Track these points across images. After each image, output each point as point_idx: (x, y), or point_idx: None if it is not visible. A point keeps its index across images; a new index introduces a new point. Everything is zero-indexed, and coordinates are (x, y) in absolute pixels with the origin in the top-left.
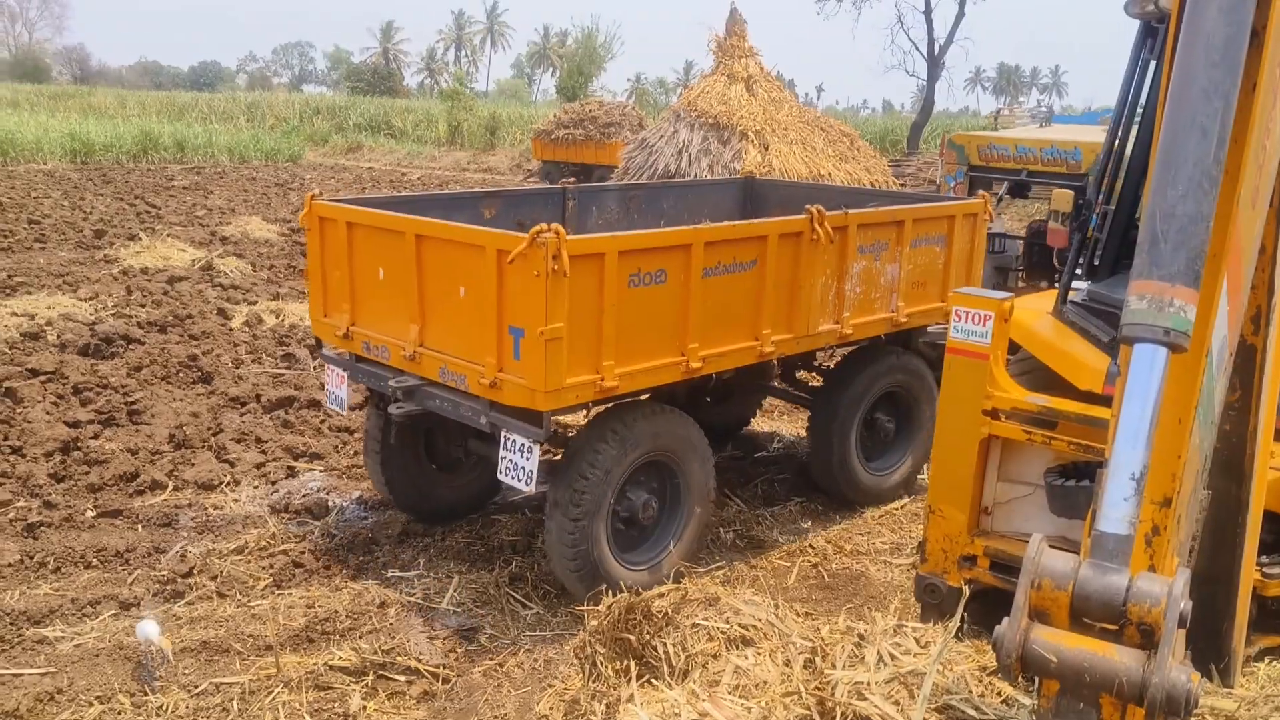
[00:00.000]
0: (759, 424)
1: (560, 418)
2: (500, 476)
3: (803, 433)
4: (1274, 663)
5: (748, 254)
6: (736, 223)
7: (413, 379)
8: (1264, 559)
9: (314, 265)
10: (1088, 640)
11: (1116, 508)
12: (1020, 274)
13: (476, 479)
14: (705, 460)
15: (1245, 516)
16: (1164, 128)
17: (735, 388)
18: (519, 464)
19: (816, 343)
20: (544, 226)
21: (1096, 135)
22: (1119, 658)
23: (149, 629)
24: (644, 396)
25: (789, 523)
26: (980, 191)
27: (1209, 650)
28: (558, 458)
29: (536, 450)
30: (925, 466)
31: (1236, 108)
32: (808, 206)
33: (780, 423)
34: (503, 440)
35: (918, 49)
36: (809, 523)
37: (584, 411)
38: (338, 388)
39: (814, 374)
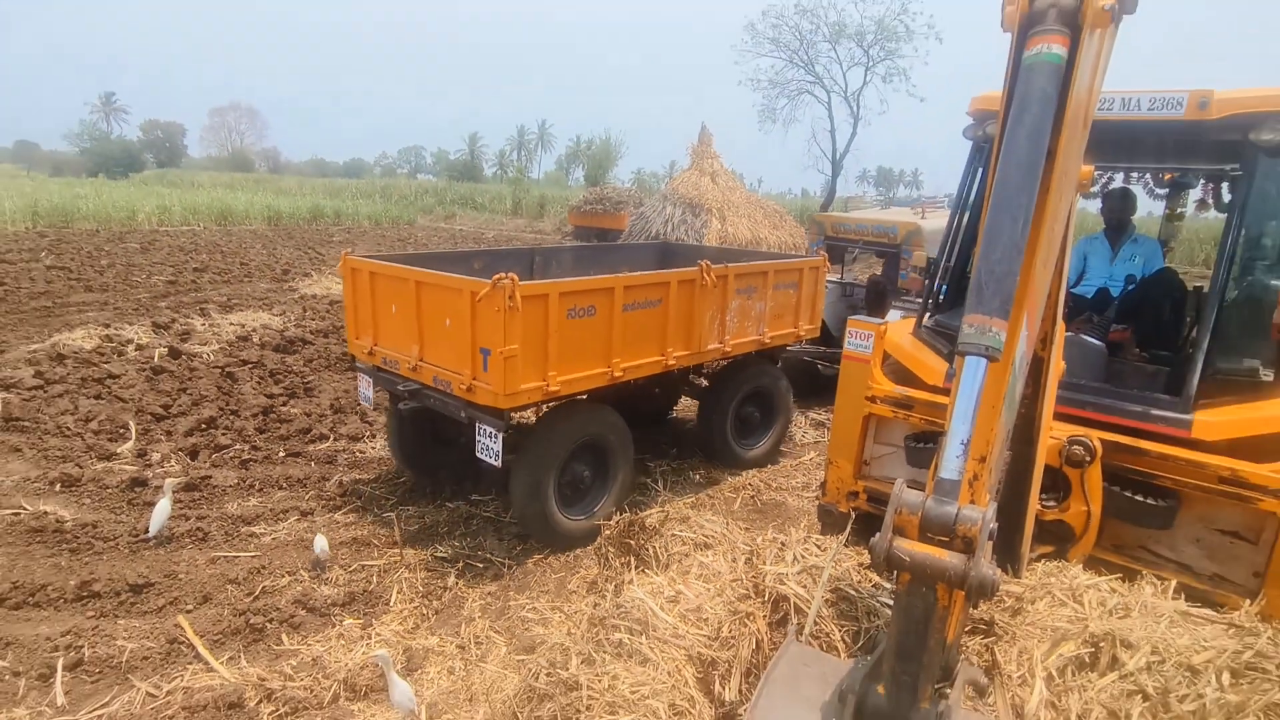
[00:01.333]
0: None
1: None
2: (477, 454)
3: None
4: (1046, 563)
5: (656, 294)
6: (647, 272)
7: (415, 384)
8: (1044, 496)
9: (349, 302)
10: (930, 548)
11: (951, 462)
12: (864, 312)
13: (463, 453)
14: (626, 442)
15: (1033, 468)
16: (989, 214)
17: (661, 388)
18: (489, 446)
19: (706, 357)
20: (502, 275)
21: (908, 216)
22: (949, 559)
23: (320, 541)
24: (583, 397)
25: (735, 469)
26: (821, 251)
27: (1007, 555)
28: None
29: (500, 436)
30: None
31: (1035, 203)
32: (699, 261)
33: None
34: (477, 429)
35: (825, 156)
36: (750, 469)
37: (539, 408)
38: (366, 389)
39: (701, 378)
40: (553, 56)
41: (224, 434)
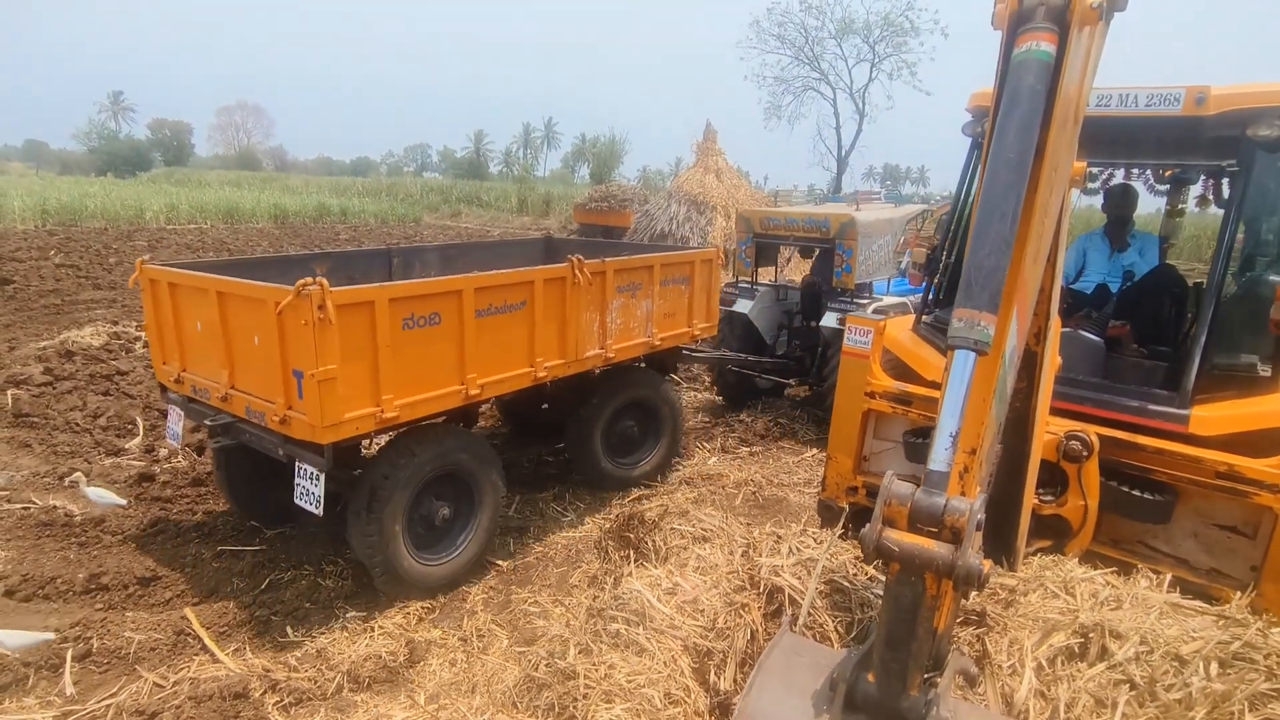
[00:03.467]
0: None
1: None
2: (296, 501)
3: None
4: (1042, 557)
5: (517, 296)
6: (503, 271)
7: (227, 416)
8: (1040, 490)
9: (150, 319)
10: (919, 538)
11: (940, 454)
12: (799, 315)
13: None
14: (491, 467)
15: (1028, 462)
16: (979, 210)
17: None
18: (310, 490)
19: (585, 365)
20: (308, 280)
21: (842, 209)
22: (938, 549)
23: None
24: (440, 419)
25: (739, 465)
26: (713, 243)
27: (1002, 549)
28: (357, 474)
29: (322, 479)
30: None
31: (1024, 199)
32: (568, 255)
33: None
34: (296, 469)
35: (831, 153)
36: (752, 465)
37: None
38: (175, 424)
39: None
40: (561, 53)
41: None
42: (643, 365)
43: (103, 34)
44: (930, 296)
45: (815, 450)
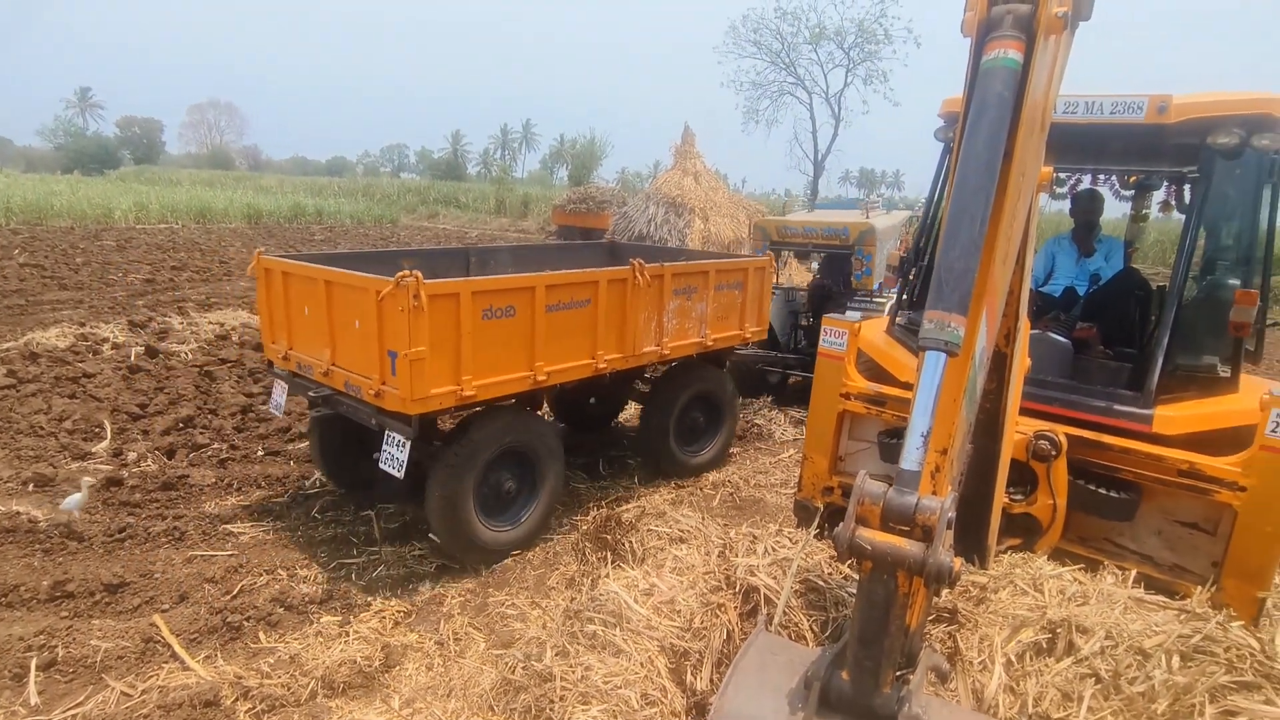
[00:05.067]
0: None
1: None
2: (380, 465)
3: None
4: (1013, 554)
5: (583, 294)
6: (572, 271)
7: (327, 389)
8: (1010, 489)
9: (262, 304)
10: (891, 536)
11: (911, 454)
12: (807, 316)
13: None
14: (555, 449)
15: (998, 462)
16: (949, 213)
17: (597, 395)
18: (395, 455)
19: (641, 360)
20: (407, 272)
21: (858, 217)
22: (909, 547)
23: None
24: (510, 401)
25: (718, 466)
26: (767, 251)
27: (974, 547)
28: (436, 445)
29: (408, 445)
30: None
31: (993, 203)
32: (630, 259)
33: None
34: (385, 436)
35: (807, 156)
36: (731, 467)
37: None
38: (279, 396)
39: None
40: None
41: (202, 433)
42: (708, 362)
43: (70, 29)
44: (903, 298)
45: (792, 451)
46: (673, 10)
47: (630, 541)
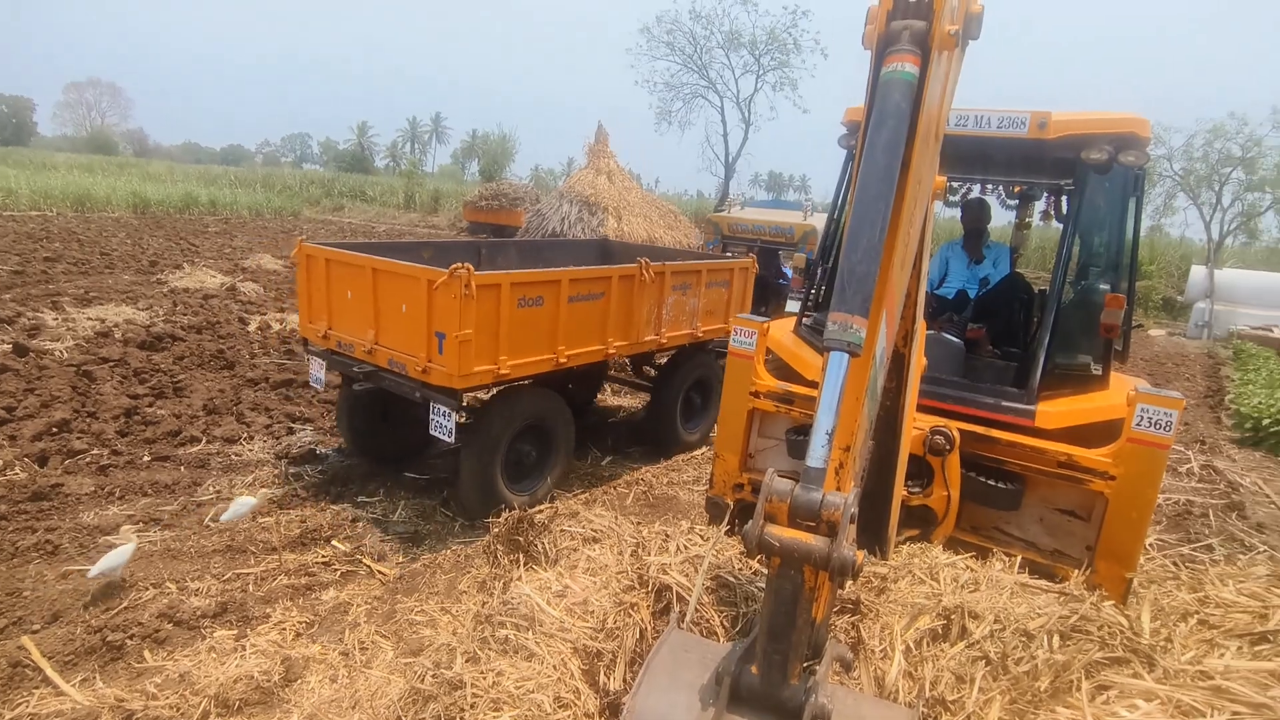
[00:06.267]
0: (610, 400)
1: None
2: (431, 431)
3: (639, 406)
4: (912, 545)
5: (599, 288)
6: (592, 267)
7: (370, 366)
8: (909, 483)
9: (302, 287)
10: (798, 533)
11: (816, 451)
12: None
13: (410, 435)
14: (568, 425)
15: (898, 457)
16: (851, 219)
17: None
18: (443, 424)
19: (643, 348)
20: (459, 265)
21: (800, 218)
22: (815, 542)
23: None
24: (527, 382)
25: (628, 464)
26: (750, 254)
27: (876, 539)
28: (468, 421)
29: (454, 415)
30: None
31: (892, 210)
32: (638, 258)
33: (622, 400)
34: (431, 408)
35: (719, 158)
36: (641, 464)
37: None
38: (318, 371)
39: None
40: (449, 47)
41: (79, 438)
42: (709, 349)
43: None
44: (809, 300)
45: (704, 449)
46: (586, 6)
47: (543, 543)
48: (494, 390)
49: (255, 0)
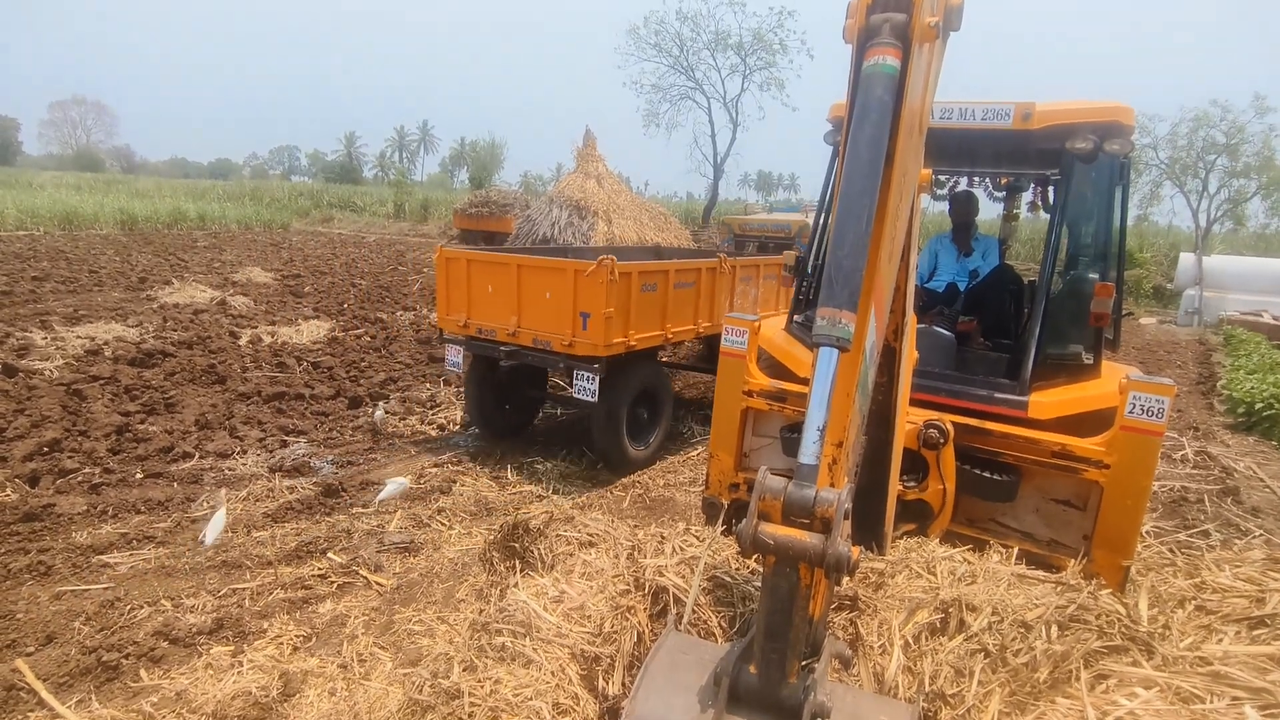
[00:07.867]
0: None
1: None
2: (575, 394)
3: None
4: (908, 539)
5: (691, 277)
6: (688, 260)
7: (513, 346)
8: (904, 477)
9: (441, 286)
10: (792, 530)
11: (809, 448)
12: None
13: (526, 412)
14: (670, 391)
15: (892, 451)
16: (837, 214)
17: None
18: (586, 387)
19: (717, 329)
20: (605, 257)
21: (800, 217)
22: (809, 539)
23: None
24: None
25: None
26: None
27: (871, 534)
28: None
29: (597, 379)
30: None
31: (877, 203)
32: (717, 253)
33: None
34: (576, 375)
35: (707, 160)
36: (641, 467)
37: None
38: (455, 356)
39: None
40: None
41: (70, 457)
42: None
43: None
44: (800, 296)
45: (700, 449)
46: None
47: (539, 548)
48: (610, 367)
49: (240, 14)
